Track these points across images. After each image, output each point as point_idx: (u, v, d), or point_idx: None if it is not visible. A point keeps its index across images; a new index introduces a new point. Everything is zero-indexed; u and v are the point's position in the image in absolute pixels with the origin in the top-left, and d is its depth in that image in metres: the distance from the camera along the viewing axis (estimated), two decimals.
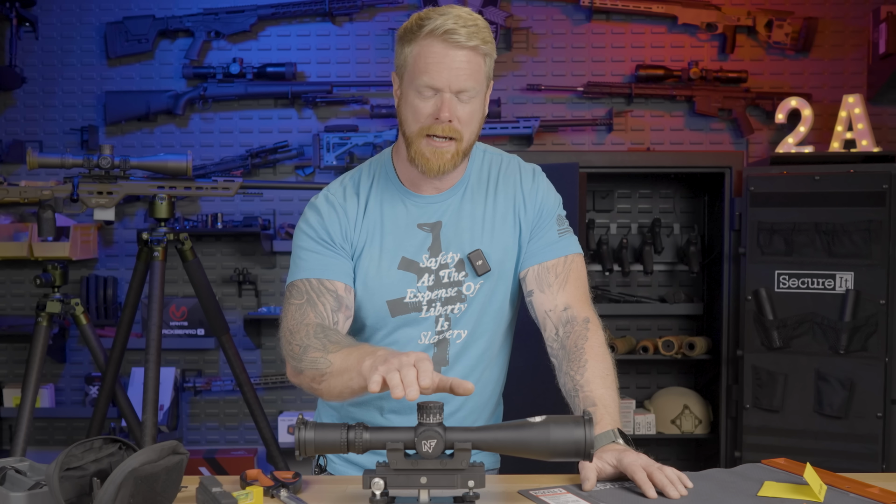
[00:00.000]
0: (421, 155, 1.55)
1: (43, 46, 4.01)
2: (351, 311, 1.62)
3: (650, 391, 4.12)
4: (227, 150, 4.03)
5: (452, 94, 1.52)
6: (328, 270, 1.59)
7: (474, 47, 1.51)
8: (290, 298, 1.59)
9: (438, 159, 1.55)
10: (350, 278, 1.61)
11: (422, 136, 1.55)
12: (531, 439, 1.30)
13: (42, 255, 3.78)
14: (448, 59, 1.50)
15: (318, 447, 1.30)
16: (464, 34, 1.50)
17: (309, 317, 1.55)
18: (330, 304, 1.57)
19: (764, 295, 3.42)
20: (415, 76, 1.53)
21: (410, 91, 1.55)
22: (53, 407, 4.02)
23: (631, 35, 4.02)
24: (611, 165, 3.77)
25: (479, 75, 1.54)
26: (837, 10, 3.98)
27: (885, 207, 3.26)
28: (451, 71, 1.51)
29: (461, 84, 1.52)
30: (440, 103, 1.52)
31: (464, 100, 1.53)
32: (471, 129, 1.57)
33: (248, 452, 3.97)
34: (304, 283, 1.59)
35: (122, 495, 1.20)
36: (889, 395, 3.27)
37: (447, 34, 1.49)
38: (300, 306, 1.57)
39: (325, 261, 1.60)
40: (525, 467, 1.49)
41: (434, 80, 1.51)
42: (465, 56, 1.51)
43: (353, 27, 4.02)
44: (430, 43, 1.51)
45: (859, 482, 1.44)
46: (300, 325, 1.54)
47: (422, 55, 1.52)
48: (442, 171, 1.56)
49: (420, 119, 1.54)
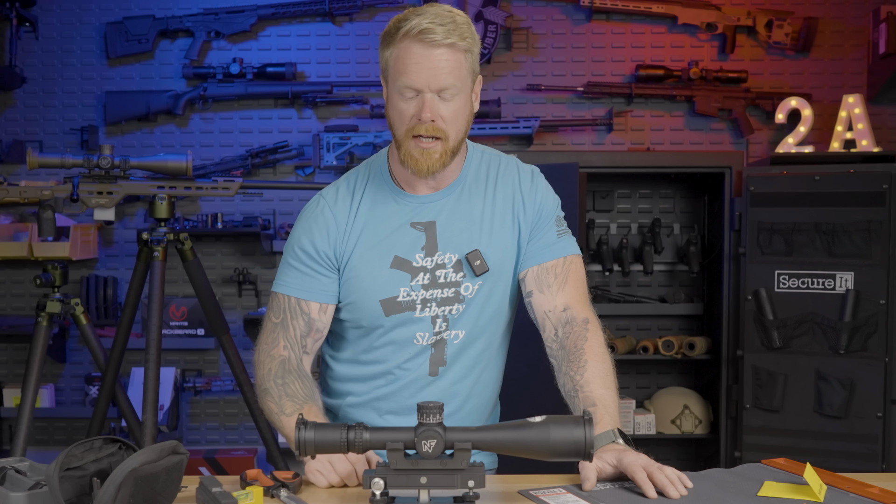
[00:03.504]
0: (410, 156, 1.56)
1: (43, 46, 4.01)
2: (322, 332, 1.67)
3: (650, 391, 4.12)
4: (227, 150, 4.03)
5: (433, 93, 1.52)
6: (305, 290, 1.65)
7: (451, 44, 1.51)
8: (270, 310, 1.69)
9: (427, 160, 1.55)
10: (329, 296, 1.65)
11: (409, 138, 1.55)
12: (531, 439, 1.30)
13: (42, 255, 3.78)
14: (425, 58, 1.50)
15: (318, 447, 1.30)
16: (440, 32, 1.50)
17: (279, 346, 1.64)
18: (300, 329, 1.64)
19: (764, 295, 3.42)
20: (395, 78, 1.54)
21: (394, 93, 1.55)
22: (53, 407, 4.02)
23: (631, 35, 4.02)
24: (611, 165, 3.77)
25: (461, 72, 1.54)
26: (837, 10, 3.98)
27: (885, 207, 3.26)
28: (430, 70, 1.51)
29: (441, 82, 1.51)
30: (422, 104, 1.52)
31: (446, 98, 1.53)
32: (457, 127, 1.57)
33: (247, 452, 3.97)
34: (284, 299, 1.66)
35: (122, 495, 1.20)
36: (889, 395, 3.27)
37: (423, 33, 1.49)
38: (275, 327, 1.66)
39: (304, 280, 1.65)
40: (524, 468, 1.49)
41: (413, 80, 1.51)
42: (442, 54, 1.51)
43: (353, 27, 4.02)
44: (407, 44, 1.51)
45: (859, 482, 1.44)
46: (268, 356, 1.64)
47: (400, 57, 1.52)
48: (431, 170, 1.57)
49: (405, 121, 1.55)
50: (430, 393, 1.62)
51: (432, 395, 1.62)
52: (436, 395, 1.62)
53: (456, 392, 1.64)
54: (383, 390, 1.65)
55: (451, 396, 1.61)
